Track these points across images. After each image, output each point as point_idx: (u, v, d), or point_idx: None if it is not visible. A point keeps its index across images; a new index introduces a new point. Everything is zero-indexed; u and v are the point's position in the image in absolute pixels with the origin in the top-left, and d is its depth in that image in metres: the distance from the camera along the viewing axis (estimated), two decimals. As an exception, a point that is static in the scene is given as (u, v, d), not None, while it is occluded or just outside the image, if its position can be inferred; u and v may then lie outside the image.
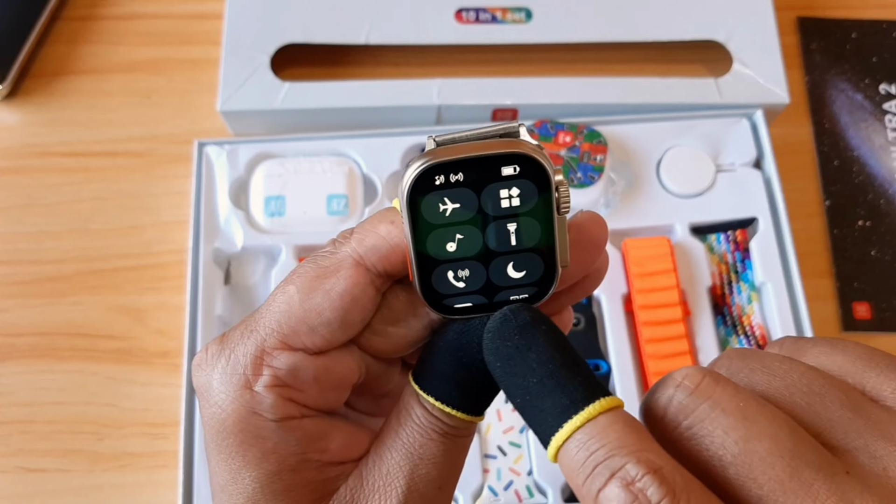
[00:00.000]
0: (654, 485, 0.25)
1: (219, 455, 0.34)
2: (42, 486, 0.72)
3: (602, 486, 0.26)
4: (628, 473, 0.26)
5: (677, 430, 0.28)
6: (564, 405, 0.28)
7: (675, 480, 0.25)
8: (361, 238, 0.34)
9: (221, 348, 0.34)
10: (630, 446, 0.26)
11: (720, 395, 0.28)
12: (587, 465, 0.27)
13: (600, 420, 0.28)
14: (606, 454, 0.26)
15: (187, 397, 0.70)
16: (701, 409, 0.27)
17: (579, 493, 0.27)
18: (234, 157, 0.78)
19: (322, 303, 0.33)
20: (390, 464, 0.34)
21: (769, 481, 0.26)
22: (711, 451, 0.27)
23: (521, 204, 0.31)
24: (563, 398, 0.28)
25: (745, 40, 0.84)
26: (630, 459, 0.26)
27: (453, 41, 0.85)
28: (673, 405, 0.28)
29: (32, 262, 0.79)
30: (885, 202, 0.83)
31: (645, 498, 0.25)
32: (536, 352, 0.30)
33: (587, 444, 0.27)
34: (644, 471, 0.25)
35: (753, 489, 0.26)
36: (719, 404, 0.27)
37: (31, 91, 0.87)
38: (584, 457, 0.27)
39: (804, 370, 0.29)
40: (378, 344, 0.35)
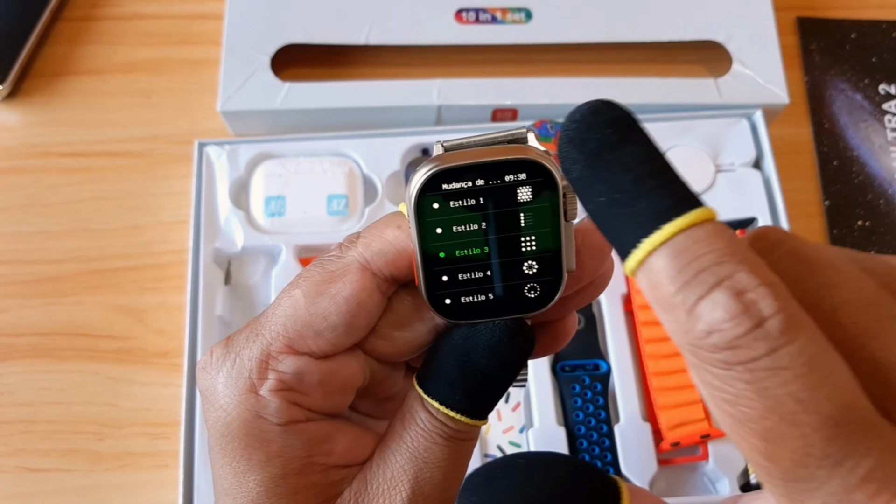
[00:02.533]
0: (769, 297, 0.22)
1: (223, 458, 0.34)
2: (43, 485, 0.72)
3: (705, 293, 0.23)
4: (740, 282, 0.23)
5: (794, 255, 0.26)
6: (666, 206, 0.24)
7: (788, 300, 0.23)
8: (368, 242, 0.34)
9: (227, 352, 0.34)
10: (742, 255, 0.23)
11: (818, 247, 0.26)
12: (688, 270, 0.23)
13: (707, 226, 0.24)
14: (715, 260, 0.23)
15: (188, 397, 0.70)
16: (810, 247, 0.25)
17: (667, 304, 0.24)
18: (234, 158, 0.78)
19: (328, 307, 0.33)
20: (395, 467, 0.34)
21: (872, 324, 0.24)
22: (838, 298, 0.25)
23: (528, 210, 0.32)
24: (665, 199, 0.25)
25: (745, 41, 0.85)
26: (743, 269, 0.23)
27: (453, 41, 0.85)
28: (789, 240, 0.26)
29: (33, 262, 0.79)
30: (884, 202, 0.83)
31: (757, 311, 0.22)
32: (633, 148, 0.26)
33: (692, 247, 0.24)
34: (758, 281, 0.23)
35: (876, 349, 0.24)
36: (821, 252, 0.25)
37: (31, 91, 0.87)
38: (686, 261, 0.23)
39: None
40: (383, 348, 0.35)
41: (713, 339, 0.23)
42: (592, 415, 0.70)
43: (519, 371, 0.34)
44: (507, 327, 0.33)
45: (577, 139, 0.26)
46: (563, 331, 0.37)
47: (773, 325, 0.22)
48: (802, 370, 0.22)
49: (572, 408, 0.71)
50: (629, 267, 0.25)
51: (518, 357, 0.34)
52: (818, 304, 0.24)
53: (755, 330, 0.22)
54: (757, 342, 0.22)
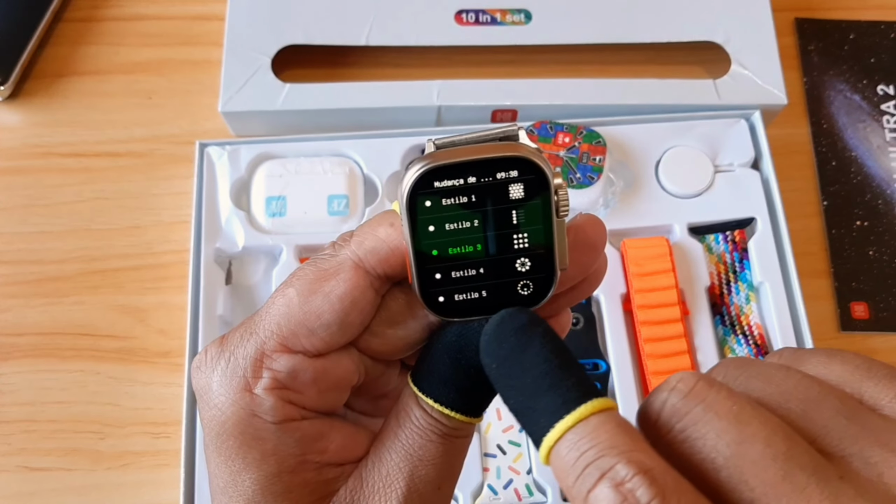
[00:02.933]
0: (643, 485, 0.25)
1: (218, 457, 0.34)
2: (44, 485, 0.72)
3: (592, 487, 0.26)
4: (618, 474, 0.25)
5: (671, 433, 0.27)
6: (557, 405, 0.28)
7: (665, 481, 0.25)
8: (361, 241, 0.34)
9: (221, 350, 0.34)
10: (621, 447, 0.26)
11: (714, 398, 0.27)
12: (577, 466, 0.26)
13: (592, 420, 0.27)
14: (597, 454, 0.26)
15: (189, 397, 0.70)
16: (694, 412, 0.27)
17: (570, 494, 0.27)
18: (235, 158, 0.78)
19: (321, 305, 0.33)
20: (390, 465, 0.34)
21: (761, 484, 0.25)
22: (704, 453, 0.26)
23: (520, 207, 0.32)
24: (557, 398, 0.28)
25: (743, 41, 0.85)
26: (620, 460, 0.25)
27: (453, 43, 0.85)
28: (666, 408, 0.28)
29: (34, 262, 0.80)
30: (882, 202, 0.83)
31: (634, 499, 0.25)
32: (532, 353, 0.30)
33: (578, 443, 0.27)
34: (634, 471, 0.25)
35: (745, 492, 0.25)
36: (713, 407, 0.27)
37: (33, 92, 0.87)
38: (575, 457, 0.27)
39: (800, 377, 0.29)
40: (377, 346, 0.35)
41: None
42: (591, 414, 0.71)
43: None
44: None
45: (488, 349, 0.31)
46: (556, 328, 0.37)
47: None
48: None
49: (571, 407, 0.71)
50: (542, 460, 0.28)
51: None
52: (726, 465, 0.26)
53: None
54: None
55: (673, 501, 0.25)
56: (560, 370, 0.29)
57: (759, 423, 0.26)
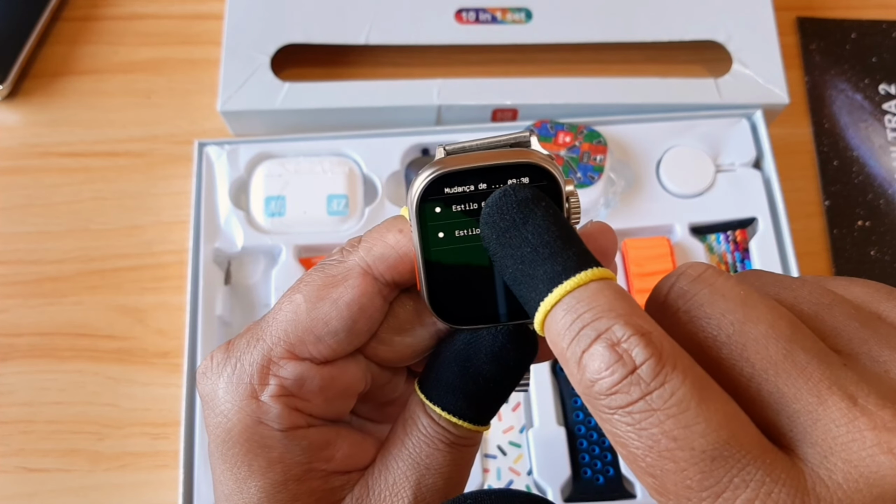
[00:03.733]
0: (639, 346, 0.25)
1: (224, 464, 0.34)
2: (42, 485, 0.72)
3: (587, 347, 0.26)
4: (614, 334, 0.26)
5: (677, 313, 0.28)
6: (556, 272, 0.28)
7: (661, 344, 0.25)
8: (369, 247, 0.34)
9: (227, 356, 0.34)
10: (618, 310, 0.26)
11: (722, 283, 0.28)
12: (573, 327, 0.27)
13: (591, 286, 0.27)
14: (594, 316, 0.26)
15: (188, 397, 0.70)
16: (701, 294, 0.28)
17: (563, 358, 0.27)
18: (234, 158, 0.78)
19: (329, 312, 0.33)
20: (396, 473, 0.34)
21: (761, 360, 0.26)
22: (707, 332, 0.27)
23: None
24: (556, 265, 0.28)
25: (745, 40, 0.85)
26: (617, 322, 0.26)
27: (453, 41, 0.85)
28: (674, 290, 0.28)
29: (33, 262, 0.79)
30: (884, 202, 0.83)
31: (630, 359, 0.25)
32: (533, 224, 0.29)
33: (575, 307, 0.27)
34: (630, 332, 0.25)
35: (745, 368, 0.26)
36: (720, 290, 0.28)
37: (31, 91, 0.87)
38: (571, 319, 0.27)
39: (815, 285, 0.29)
40: (384, 353, 0.35)
41: (596, 387, 0.26)
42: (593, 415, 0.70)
43: (521, 377, 0.34)
44: (509, 333, 0.33)
45: (489, 221, 0.30)
46: None
47: (645, 371, 0.25)
48: (673, 410, 0.25)
49: (572, 408, 0.71)
50: (537, 328, 0.29)
51: (520, 363, 0.34)
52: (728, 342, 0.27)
53: (629, 376, 0.25)
54: (632, 387, 0.25)
55: (668, 363, 0.25)
56: (561, 241, 0.29)
57: (766, 308, 0.27)
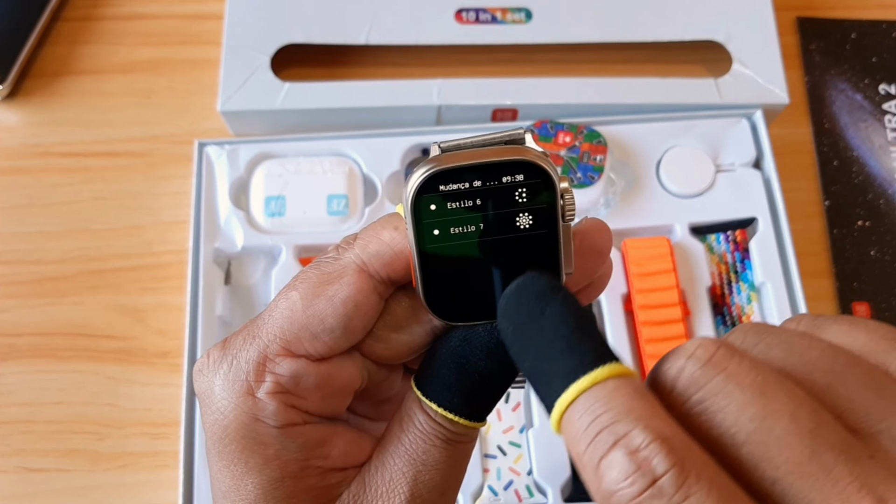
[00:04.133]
0: (660, 454, 0.23)
1: (220, 461, 0.34)
2: (43, 485, 0.72)
3: (605, 454, 0.24)
4: (633, 441, 0.24)
5: (687, 403, 0.26)
6: (572, 367, 0.27)
7: (683, 452, 0.24)
8: (365, 244, 0.34)
9: (223, 354, 0.34)
10: (638, 412, 0.25)
11: (735, 368, 0.26)
12: (590, 430, 0.25)
13: (608, 384, 0.26)
14: (612, 419, 0.25)
15: (188, 397, 0.70)
16: (714, 383, 0.25)
17: (580, 461, 0.25)
18: (234, 158, 0.78)
19: (325, 309, 0.33)
20: (393, 470, 0.34)
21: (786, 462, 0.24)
22: (724, 427, 0.25)
23: (526, 211, 0.31)
24: (572, 360, 0.27)
25: (745, 40, 0.84)
26: (637, 426, 0.24)
27: (453, 41, 0.85)
28: (683, 377, 0.26)
29: (33, 262, 0.79)
30: (884, 202, 0.83)
31: (650, 468, 0.23)
32: (549, 316, 0.28)
33: (592, 407, 0.25)
34: (651, 438, 0.24)
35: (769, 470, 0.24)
36: (734, 378, 0.25)
37: (31, 91, 0.87)
38: (588, 421, 0.25)
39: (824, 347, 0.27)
40: (380, 350, 0.35)
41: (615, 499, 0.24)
42: (592, 415, 0.70)
43: (517, 373, 0.34)
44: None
45: (506, 312, 0.30)
46: None
47: (667, 482, 0.23)
48: None
49: (572, 408, 0.71)
50: (553, 427, 0.27)
51: None
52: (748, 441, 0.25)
53: (650, 488, 0.23)
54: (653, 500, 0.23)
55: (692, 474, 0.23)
56: (578, 333, 0.28)
57: (785, 397, 0.25)
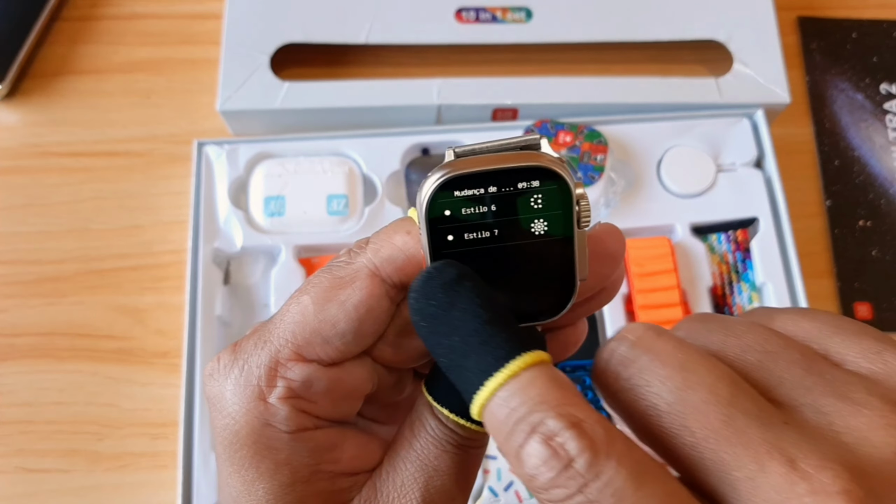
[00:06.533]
0: (572, 438, 0.25)
1: (231, 466, 0.33)
2: (42, 486, 0.72)
3: (522, 443, 0.26)
4: (548, 428, 0.25)
5: (618, 381, 0.28)
6: (487, 363, 0.28)
7: (595, 432, 0.25)
8: (377, 248, 0.33)
9: (234, 358, 0.34)
10: (551, 401, 0.26)
11: (661, 347, 0.28)
12: (508, 422, 0.26)
13: (523, 376, 0.27)
14: (527, 410, 0.26)
15: (187, 397, 0.70)
16: (640, 361, 0.27)
17: (503, 451, 0.27)
18: (233, 157, 0.78)
19: (337, 314, 0.32)
20: (404, 475, 0.34)
21: (702, 429, 0.26)
22: (647, 400, 0.27)
23: (541, 217, 0.31)
24: (487, 355, 0.28)
25: (746, 40, 0.84)
26: (550, 414, 0.26)
27: (453, 41, 0.84)
28: (614, 358, 0.28)
29: (32, 262, 0.79)
30: (885, 202, 0.83)
31: (564, 452, 0.25)
32: (460, 309, 0.29)
33: (508, 400, 0.27)
34: (563, 424, 0.25)
35: (686, 436, 0.26)
36: (659, 356, 0.27)
37: (30, 91, 0.87)
38: (505, 413, 0.27)
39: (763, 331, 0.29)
40: (391, 355, 0.35)
41: (537, 482, 0.25)
42: (594, 416, 0.70)
43: None
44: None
45: (416, 307, 0.30)
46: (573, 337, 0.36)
47: (580, 464, 0.25)
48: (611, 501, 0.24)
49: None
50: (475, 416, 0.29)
51: None
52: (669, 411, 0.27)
53: (565, 471, 0.25)
54: (569, 481, 0.25)
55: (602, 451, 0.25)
56: (490, 325, 0.29)
57: (705, 371, 0.27)
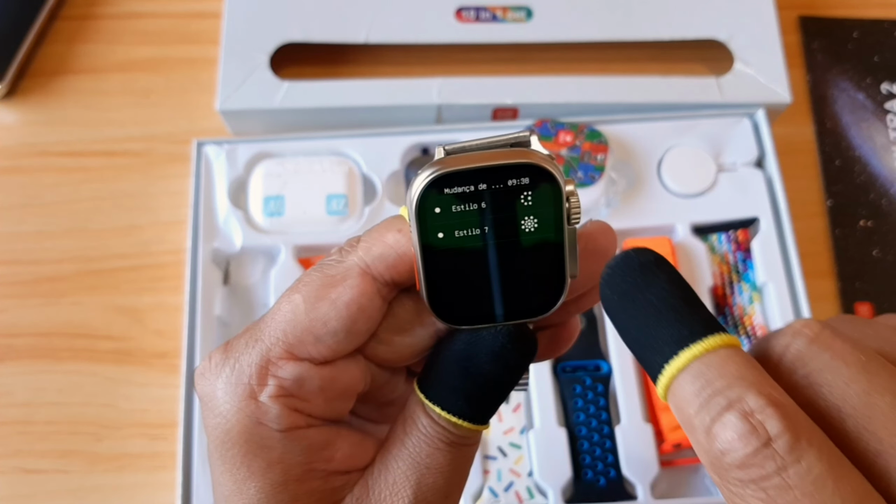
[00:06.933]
0: (774, 417, 0.24)
1: (223, 465, 0.33)
2: (40, 486, 0.71)
3: (717, 416, 0.25)
4: (748, 404, 0.25)
5: (794, 376, 0.27)
6: (683, 335, 0.27)
7: (797, 418, 0.25)
8: (368, 247, 0.33)
9: (226, 357, 0.34)
10: (750, 379, 0.26)
11: (840, 346, 0.27)
12: (703, 394, 0.26)
13: (720, 352, 0.27)
14: (725, 384, 0.26)
15: (186, 398, 0.70)
16: (821, 358, 0.27)
17: (690, 425, 0.27)
18: (232, 157, 0.77)
19: (328, 312, 0.32)
20: (396, 473, 0.34)
21: (890, 436, 0.25)
22: (830, 401, 0.26)
23: (531, 214, 0.31)
24: (683, 329, 0.28)
25: (747, 39, 0.84)
26: (750, 391, 0.25)
27: (453, 40, 0.84)
28: (791, 352, 0.27)
29: (31, 262, 0.79)
30: (886, 202, 0.83)
31: (764, 431, 0.24)
32: (657, 287, 0.29)
33: (705, 373, 0.26)
34: (764, 402, 0.25)
35: (872, 443, 0.25)
36: (840, 356, 0.27)
37: (29, 90, 0.87)
38: (700, 385, 0.26)
39: None
40: (383, 353, 0.35)
41: (728, 458, 0.25)
42: (594, 416, 0.70)
43: (521, 376, 0.34)
44: (509, 333, 0.33)
45: (611, 282, 0.30)
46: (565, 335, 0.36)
47: (781, 445, 0.24)
48: (810, 488, 0.24)
49: (573, 409, 0.71)
50: (660, 392, 0.28)
51: (520, 362, 0.34)
52: (854, 414, 0.26)
53: (764, 449, 0.24)
54: (767, 461, 0.24)
55: (803, 438, 0.24)
56: (686, 304, 0.28)
57: (889, 376, 0.26)
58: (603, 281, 0.30)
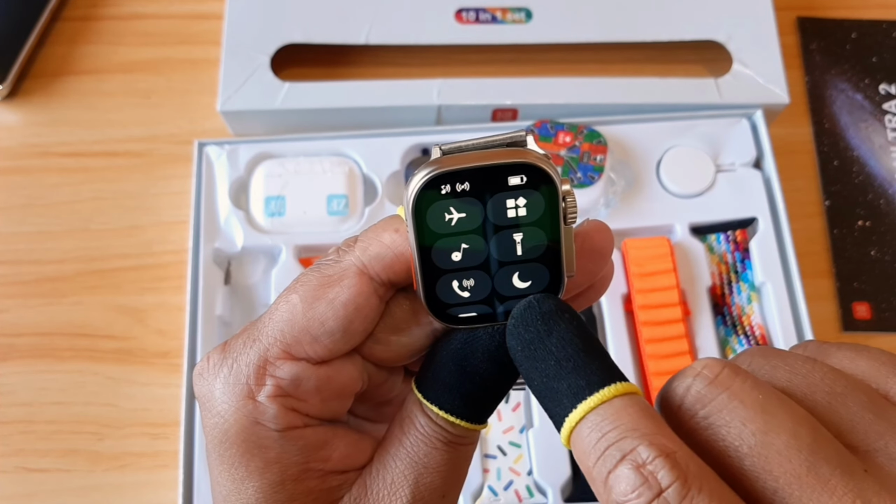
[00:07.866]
0: (665, 468, 0.25)
1: (221, 465, 0.33)
2: (42, 486, 0.72)
3: (612, 468, 0.26)
4: (640, 456, 0.25)
5: (693, 419, 0.28)
6: (580, 386, 0.28)
7: (687, 466, 0.25)
8: (365, 246, 0.33)
9: (223, 357, 0.34)
10: (643, 429, 0.26)
11: (739, 386, 0.27)
12: (598, 447, 0.27)
13: (615, 403, 0.27)
14: (619, 436, 0.26)
15: (187, 397, 0.70)
16: (719, 399, 0.27)
17: (590, 475, 0.27)
18: (234, 157, 0.78)
19: (325, 312, 0.33)
20: (394, 473, 0.34)
21: (785, 474, 0.25)
22: (727, 441, 0.27)
23: (528, 214, 0.31)
24: (580, 380, 0.28)
25: (745, 40, 0.84)
26: (642, 442, 0.26)
27: (453, 41, 0.85)
28: (690, 394, 0.28)
29: (32, 262, 0.79)
30: (884, 202, 0.83)
31: (655, 481, 0.25)
32: (557, 337, 0.30)
33: (600, 425, 0.27)
34: (656, 454, 0.25)
35: (769, 482, 0.26)
36: (738, 395, 0.27)
37: (31, 91, 0.87)
38: (596, 438, 0.27)
39: (827, 371, 0.29)
40: (381, 353, 0.35)
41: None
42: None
43: (518, 376, 0.34)
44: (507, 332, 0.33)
45: (515, 332, 0.31)
46: None
47: (671, 494, 0.25)
48: None
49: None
50: (563, 442, 0.29)
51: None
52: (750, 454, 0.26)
53: (656, 499, 0.25)
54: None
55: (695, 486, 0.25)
56: (585, 354, 0.29)
57: (786, 414, 0.27)
58: (507, 331, 0.32)
